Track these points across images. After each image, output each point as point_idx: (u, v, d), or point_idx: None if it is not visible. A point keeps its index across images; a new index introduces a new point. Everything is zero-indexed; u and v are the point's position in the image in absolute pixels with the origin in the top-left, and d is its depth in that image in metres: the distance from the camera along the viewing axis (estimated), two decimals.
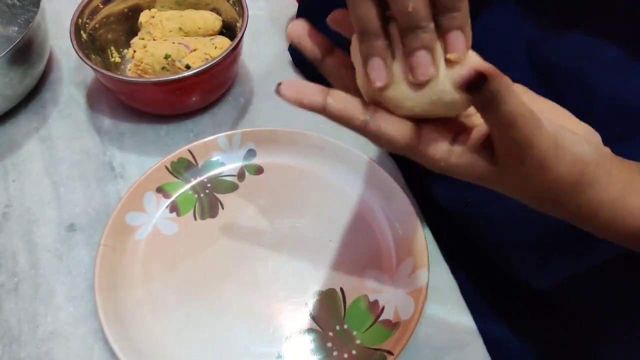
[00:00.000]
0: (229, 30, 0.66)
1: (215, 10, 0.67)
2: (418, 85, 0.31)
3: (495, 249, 0.50)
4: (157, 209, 0.57)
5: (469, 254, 0.53)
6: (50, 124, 0.64)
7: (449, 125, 0.33)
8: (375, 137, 0.32)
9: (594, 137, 0.35)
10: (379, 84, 0.32)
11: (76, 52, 0.59)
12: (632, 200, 0.35)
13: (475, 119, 0.34)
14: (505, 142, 0.31)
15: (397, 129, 0.32)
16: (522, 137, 0.31)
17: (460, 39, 0.30)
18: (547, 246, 0.45)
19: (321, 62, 0.35)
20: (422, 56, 0.31)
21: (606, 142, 0.35)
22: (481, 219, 0.50)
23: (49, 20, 0.65)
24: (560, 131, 0.32)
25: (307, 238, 0.55)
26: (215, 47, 0.63)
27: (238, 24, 0.63)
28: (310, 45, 0.34)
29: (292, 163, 0.59)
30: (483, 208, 0.48)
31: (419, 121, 0.33)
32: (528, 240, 0.46)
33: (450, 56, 0.31)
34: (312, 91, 0.32)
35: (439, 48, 0.31)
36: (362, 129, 0.33)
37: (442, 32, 0.31)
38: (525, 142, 0.31)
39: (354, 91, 0.34)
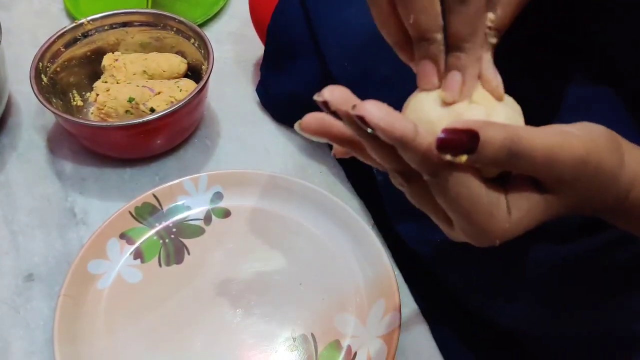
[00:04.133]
0: (194, 72, 0.66)
1: (180, 53, 0.66)
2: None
3: (462, 288, 0.50)
4: (121, 256, 0.55)
5: (439, 295, 0.53)
6: (8, 170, 0.62)
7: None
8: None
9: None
10: (425, 86, 0.31)
11: (36, 96, 0.58)
12: None
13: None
14: (553, 177, 0.29)
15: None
16: (567, 166, 0.28)
17: (455, 80, 0.30)
18: (510, 283, 0.45)
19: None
20: (426, 65, 0.31)
21: None
22: (446, 259, 0.50)
23: (8, 65, 0.64)
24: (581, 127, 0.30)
25: (277, 282, 0.53)
26: (181, 90, 0.62)
27: (204, 67, 0.62)
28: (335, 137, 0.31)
29: (259, 205, 0.58)
30: (449, 248, 0.48)
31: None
32: (489, 279, 0.46)
33: (440, 94, 0.31)
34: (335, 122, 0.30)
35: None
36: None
37: (445, 69, 0.30)
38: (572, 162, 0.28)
39: None
